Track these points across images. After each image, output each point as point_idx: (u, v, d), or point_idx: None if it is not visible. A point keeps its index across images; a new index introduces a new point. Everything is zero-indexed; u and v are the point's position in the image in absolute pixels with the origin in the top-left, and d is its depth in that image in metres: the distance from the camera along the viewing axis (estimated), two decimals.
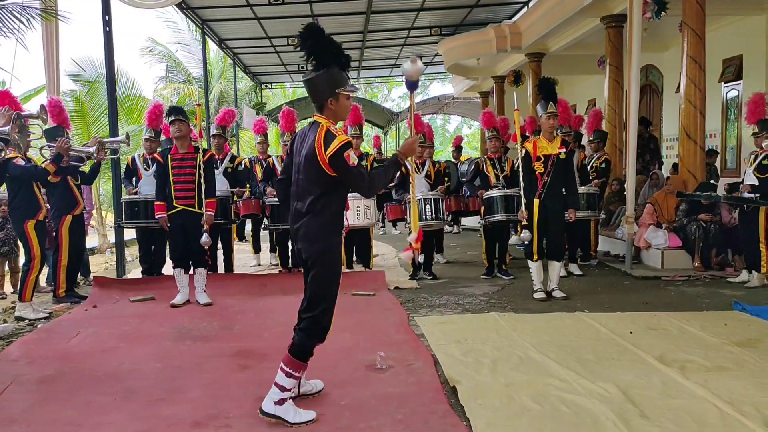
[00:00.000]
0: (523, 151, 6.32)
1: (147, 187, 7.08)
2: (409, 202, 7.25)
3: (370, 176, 3.39)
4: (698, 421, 3.26)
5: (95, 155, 6.68)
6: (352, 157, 3.26)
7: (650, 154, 11.08)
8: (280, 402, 3.35)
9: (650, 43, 11.22)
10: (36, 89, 12.64)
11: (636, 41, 7.73)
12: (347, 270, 7.72)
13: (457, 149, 13.33)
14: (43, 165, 6.12)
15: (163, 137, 7.94)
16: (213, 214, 6.30)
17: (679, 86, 8.55)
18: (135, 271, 8.15)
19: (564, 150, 6.28)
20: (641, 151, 10.51)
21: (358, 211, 7.24)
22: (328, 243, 3.38)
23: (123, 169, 7.77)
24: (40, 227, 6.03)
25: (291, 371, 3.38)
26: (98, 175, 8.18)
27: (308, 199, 3.35)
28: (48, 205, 6.46)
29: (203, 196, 6.19)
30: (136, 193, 7.20)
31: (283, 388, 3.36)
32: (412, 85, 3.58)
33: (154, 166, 6.72)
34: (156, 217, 6.28)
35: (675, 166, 10.50)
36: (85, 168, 7.11)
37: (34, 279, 6.01)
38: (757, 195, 6.67)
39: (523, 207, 6.27)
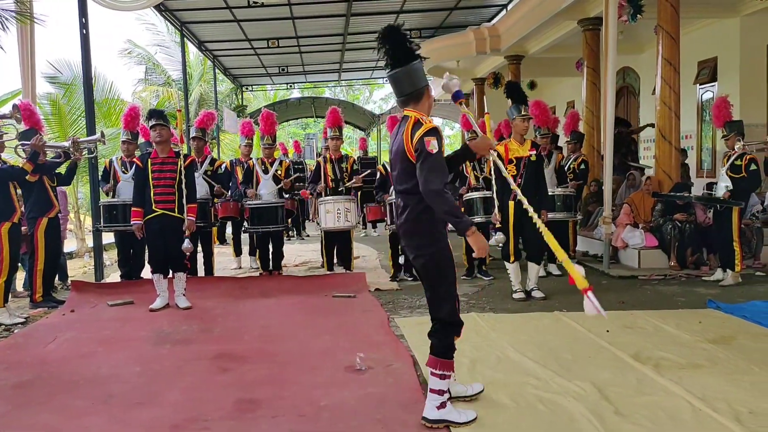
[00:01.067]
0: (495, 154, 6.35)
1: (125, 190, 7.03)
2: (389, 204, 7.29)
3: (441, 169, 3.20)
4: (672, 417, 3.32)
5: (71, 150, 6.61)
6: (433, 144, 3.16)
7: (631, 155, 11.22)
8: (442, 406, 3.30)
9: (627, 46, 11.39)
10: (12, 93, 12.46)
11: (612, 44, 7.84)
12: (328, 272, 7.73)
13: None
14: (20, 165, 6.08)
15: (141, 140, 7.89)
16: (194, 219, 6.27)
17: (655, 88, 8.68)
18: (114, 275, 8.08)
19: (534, 152, 6.35)
20: (625, 150, 10.66)
21: (338, 213, 7.26)
22: (430, 236, 3.30)
23: (100, 173, 7.70)
24: (14, 230, 5.95)
25: (442, 372, 3.31)
26: (75, 178, 8.12)
27: (405, 196, 3.32)
28: (23, 207, 6.39)
29: (184, 201, 6.16)
30: (112, 191, 7.14)
31: (440, 392, 3.30)
32: (456, 96, 3.53)
33: (133, 168, 6.68)
34: (131, 223, 6.23)
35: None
36: (62, 169, 7.05)
37: (3, 284, 5.91)
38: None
39: (496, 210, 6.31)
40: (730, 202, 6.77)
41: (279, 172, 7.80)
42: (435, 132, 3.21)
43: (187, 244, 6.16)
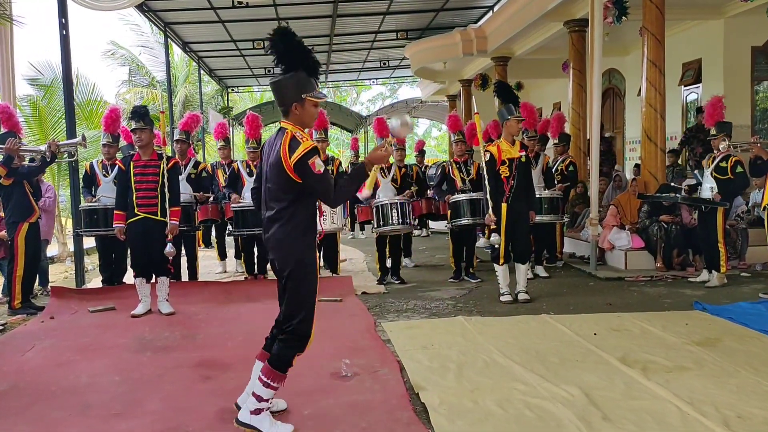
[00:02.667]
0: (488, 155, 6.33)
1: (106, 193, 6.92)
2: (376, 207, 7.23)
3: (337, 185, 3.29)
4: (659, 421, 3.29)
5: (47, 154, 6.49)
6: (318, 164, 3.14)
7: (602, 156, 11.16)
8: (256, 412, 3.26)
9: (612, 48, 11.43)
10: None
11: (597, 45, 7.84)
12: None
13: (420, 153, 13.35)
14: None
15: (123, 142, 7.77)
16: (177, 223, 6.17)
17: (640, 90, 8.69)
18: (95, 281, 7.95)
19: (524, 153, 6.33)
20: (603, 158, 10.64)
21: (324, 216, 7.19)
22: (300, 251, 3.27)
23: (81, 176, 7.58)
24: None
25: (269, 382, 3.26)
26: (56, 181, 7.98)
27: (276, 207, 3.26)
28: (2, 212, 6.27)
29: (167, 204, 6.05)
30: (95, 202, 7.02)
31: (260, 398, 3.26)
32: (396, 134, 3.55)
33: (114, 172, 6.56)
34: (113, 226, 6.12)
35: (637, 166, 10.69)
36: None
37: None
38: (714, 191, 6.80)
39: (490, 211, 6.28)
40: (715, 203, 6.78)
41: None
42: (315, 151, 3.17)
43: (169, 248, 6.06)
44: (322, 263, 7.93)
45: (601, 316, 5.60)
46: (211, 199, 7.92)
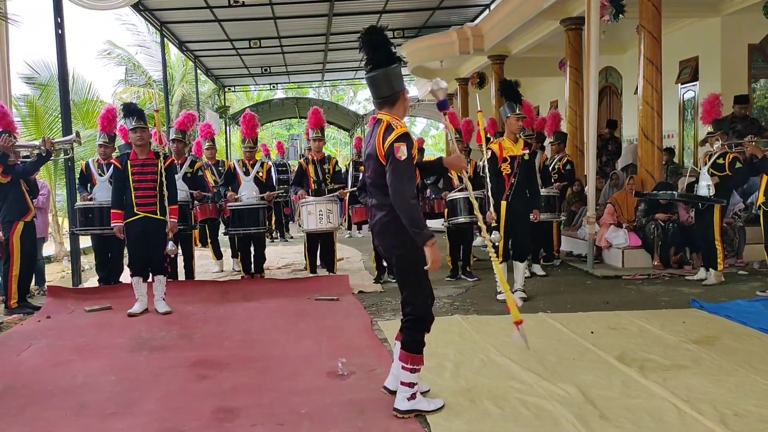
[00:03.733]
0: (489, 153, 6.31)
1: (102, 193, 6.89)
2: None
3: (407, 180, 3.26)
4: (656, 420, 3.28)
5: (42, 149, 6.46)
6: (402, 151, 3.21)
7: (608, 155, 11.20)
8: (412, 397, 3.40)
9: (609, 46, 11.41)
10: None
11: (594, 44, 7.83)
12: (311, 275, 7.65)
13: (420, 151, 13.35)
14: None
15: (121, 142, 7.75)
16: (176, 221, 6.16)
17: (637, 88, 8.69)
18: (92, 280, 7.93)
19: (527, 151, 6.32)
20: (598, 152, 10.65)
21: (320, 215, 7.17)
22: (402, 235, 3.32)
23: (77, 175, 7.55)
24: None
25: (410, 366, 3.39)
26: (53, 180, 7.96)
27: (378, 195, 3.38)
28: None
29: (166, 203, 6.04)
30: (91, 200, 7.00)
31: (410, 384, 3.40)
32: (442, 105, 3.56)
33: (110, 171, 6.54)
34: (111, 225, 6.09)
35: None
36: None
37: None
38: (711, 194, 6.80)
39: (491, 209, 6.27)
40: (712, 200, 6.78)
41: (260, 173, 7.72)
42: (405, 138, 3.25)
43: (171, 246, 6.07)
44: (319, 262, 7.92)
45: (599, 315, 5.59)
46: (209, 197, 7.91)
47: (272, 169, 8.04)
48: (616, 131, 12.04)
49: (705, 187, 6.93)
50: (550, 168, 8.37)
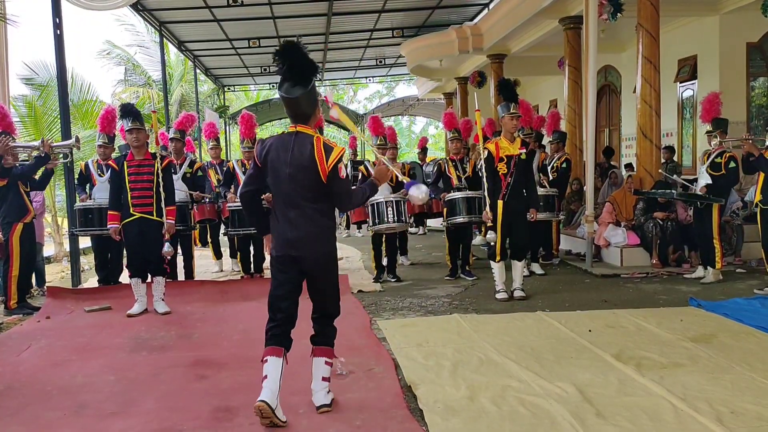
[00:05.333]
0: (486, 152, 6.32)
1: (101, 193, 6.89)
2: (371, 205, 7.24)
3: (353, 193, 3.58)
4: (653, 418, 3.30)
5: (41, 149, 6.46)
6: (343, 170, 3.45)
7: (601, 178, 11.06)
8: (329, 389, 3.62)
9: (608, 44, 11.43)
10: None
11: (592, 43, 7.84)
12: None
13: (423, 150, 13.36)
14: None
15: (122, 142, 7.75)
16: (174, 222, 6.16)
17: (636, 86, 8.70)
18: (91, 280, 7.94)
19: (524, 151, 6.32)
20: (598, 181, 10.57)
21: None
22: (332, 246, 3.58)
23: (76, 176, 7.57)
24: None
25: (331, 360, 3.65)
26: (52, 180, 7.97)
27: (307, 207, 3.44)
28: None
29: (162, 204, 6.05)
30: (89, 201, 7.01)
31: (329, 379, 3.63)
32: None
33: (109, 172, 6.54)
34: (108, 226, 6.10)
35: (629, 165, 10.71)
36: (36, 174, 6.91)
37: None
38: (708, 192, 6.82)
39: (487, 208, 6.28)
40: (710, 199, 6.80)
41: None
42: (342, 158, 3.47)
43: (167, 247, 6.07)
44: None
45: (597, 313, 5.61)
46: (208, 199, 7.91)
47: None
48: (613, 159, 12.09)
49: (704, 185, 6.94)
50: (549, 167, 8.38)
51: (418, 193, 3.64)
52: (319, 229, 3.47)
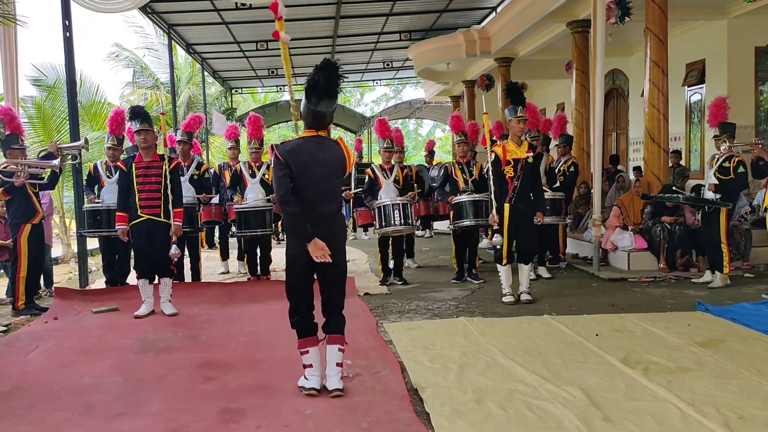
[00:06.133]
0: (493, 156, 6.32)
1: (110, 195, 6.93)
2: (378, 208, 7.24)
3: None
4: (660, 422, 3.28)
5: (58, 166, 6.51)
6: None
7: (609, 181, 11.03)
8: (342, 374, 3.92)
9: (616, 48, 11.40)
10: None
11: (600, 46, 7.83)
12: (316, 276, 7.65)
13: (430, 153, 13.37)
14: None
15: (129, 144, 7.79)
16: (181, 224, 6.18)
17: (643, 90, 8.68)
18: (99, 282, 7.98)
19: (531, 154, 6.32)
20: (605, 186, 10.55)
21: None
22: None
23: (85, 177, 7.60)
24: None
25: (344, 347, 3.92)
26: (61, 181, 8.01)
27: (335, 203, 3.89)
28: (6, 215, 6.31)
29: (170, 206, 6.07)
30: (97, 202, 7.04)
31: (343, 364, 3.92)
32: None
33: (117, 173, 6.57)
34: (116, 228, 6.13)
35: (637, 169, 10.67)
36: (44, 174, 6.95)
37: None
38: (717, 196, 6.79)
39: (494, 211, 6.28)
40: (719, 203, 6.77)
41: (267, 176, 7.71)
42: None
43: (174, 249, 6.09)
44: None
45: (604, 317, 5.59)
46: (216, 199, 7.93)
47: None
48: (620, 164, 12.08)
49: (711, 184, 6.91)
50: (556, 170, 8.37)
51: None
52: (343, 222, 3.94)
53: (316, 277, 3.87)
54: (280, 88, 25.56)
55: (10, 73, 7.42)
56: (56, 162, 6.44)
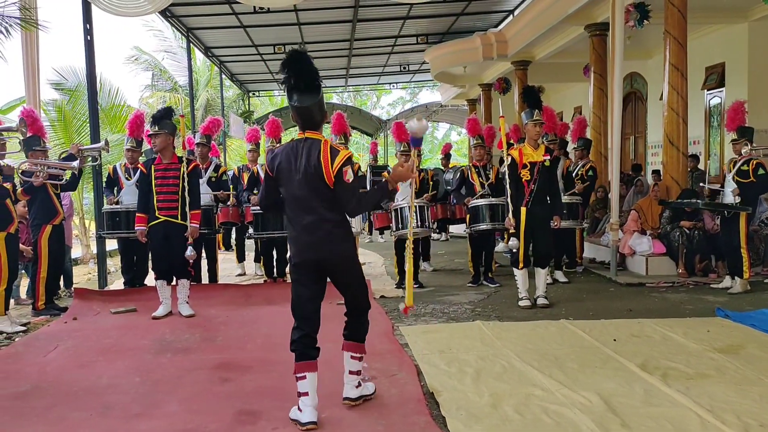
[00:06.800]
0: (509, 159, 6.30)
1: (128, 197, 7.01)
2: (394, 210, 7.25)
3: (362, 196, 3.54)
4: (679, 429, 3.25)
5: (78, 167, 6.59)
6: (349, 173, 3.41)
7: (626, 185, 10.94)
8: (359, 385, 3.73)
9: (634, 51, 11.32)
10: (19, 99, 12.54)
11: (618, 49, 7.78)
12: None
13: (446, 156, 13.35)
14: (19, 190, 6.21)
15: (147, 146, 7.86)
16: (198, 226, 6.23)
17: (662, 94, 8.60)
18: (117, 282, 8.06)
19: (548, 158, 6.29)
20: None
21: None
22: (351, 243, 3.63)
23: (104, 179, 7.69)
24: (11, 240, 5.79)
25: (360, 354, 3.75)
26: (81, 183, 8.11)
27: (321, 211, 3.45)
28: (27, 216, 6.40)
29: (187, 208, 6.12)
30: (116, 203, 7.12)
31: (358, 372, 3.75)
32: (416, 142, 3.66)
33: (136, 175, 6.64)
34: (135, 228, 6.19)
35: (656, 172, 10.57)
36: (66, 175, 7.04)
37: (3, 292, 5.76)
38: (737, 200, 6.71)
39: (510, 215, 6.26)
40: (738, 208, 6.69)
41: None
42: (350, 161, 3.47)
43: (190, 251, 6.12)
44: None
45: (622, 322, 5.53)
46: (233, 200, 7.99)
47: None
48: (641, 174, 11.93)
49: (730, 194, 6.84)
50: (574, 174, 8.32)
51: (417, 123, 3.49)
52: (335, 230, 3.48)
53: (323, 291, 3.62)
54: None
55: (32, 77, 7.52)
56: (75, 163, 6.51)
